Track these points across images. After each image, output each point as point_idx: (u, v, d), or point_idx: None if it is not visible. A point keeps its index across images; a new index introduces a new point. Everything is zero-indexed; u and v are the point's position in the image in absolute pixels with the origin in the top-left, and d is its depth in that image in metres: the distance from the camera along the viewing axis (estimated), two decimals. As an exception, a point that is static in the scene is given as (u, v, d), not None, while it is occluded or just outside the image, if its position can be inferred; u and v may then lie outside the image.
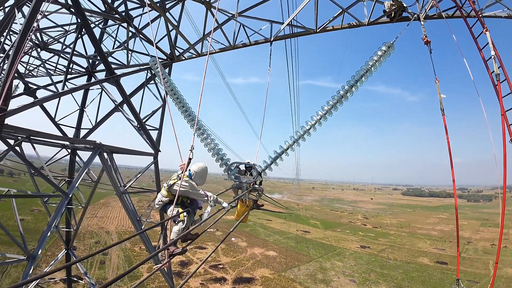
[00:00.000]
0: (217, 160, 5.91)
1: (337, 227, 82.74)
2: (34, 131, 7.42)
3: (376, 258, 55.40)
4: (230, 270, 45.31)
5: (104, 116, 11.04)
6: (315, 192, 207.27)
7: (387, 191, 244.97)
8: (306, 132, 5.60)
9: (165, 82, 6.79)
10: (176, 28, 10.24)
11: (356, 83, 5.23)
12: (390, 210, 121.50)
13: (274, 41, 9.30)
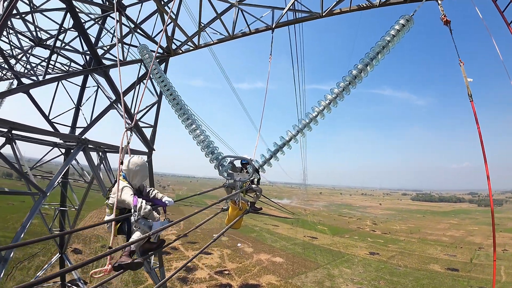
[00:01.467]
0: (207, 154, 5.15)
1: (345, 233, 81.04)
2: (17, 123, 6.84)
3: (385, 265, 53.87)
4: (235, 276, 44.34)
5: (99, 114, 10.55)
6: (322, 198, 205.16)
7: (396, 196, 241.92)
8: (313, 119, 4.80)
9: (154, 69, 6.14)
10: (174, 21, 9.69)
11: (371, 61, 4.45)
12: (400, 216, 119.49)
13: (276, 28, 8.62)
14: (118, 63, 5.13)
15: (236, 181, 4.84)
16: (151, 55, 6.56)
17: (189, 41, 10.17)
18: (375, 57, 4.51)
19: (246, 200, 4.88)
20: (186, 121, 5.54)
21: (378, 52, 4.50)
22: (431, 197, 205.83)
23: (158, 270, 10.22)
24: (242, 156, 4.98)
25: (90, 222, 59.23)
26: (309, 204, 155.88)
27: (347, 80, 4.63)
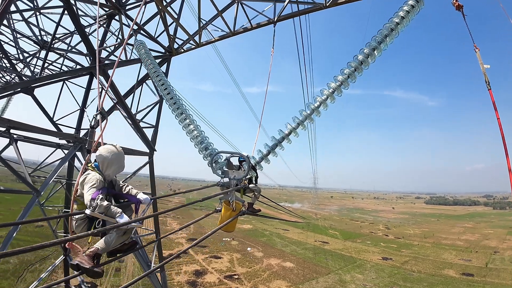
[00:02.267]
0: (200, 151, 4.82)
1: (357, 238, 79.17)
2: (14, 122, 6.76)
3: (398, 271, 52.18)
4: (245, 281, 43.78)
5: (104, 115, 10.49)
6: (333, 201, 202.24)
7: (410, 200, 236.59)
8: (315, 110, 4.42)
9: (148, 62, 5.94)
10: (176, 20, 9.56)
11: (379, 44, 4.06)
12: (413, 220, 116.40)
13: (278, 21, 8.32)
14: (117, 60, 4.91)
15: (231, 179, 4.50)
16: (147, 51, 6.36)
17: (190, 39, 10.02)
18: (383, 40, 4.12)
19: (241, 201, 4.50)
20: (180, 115, 5.26)
21: (386, 35, 4.11)
22: (445, 200, 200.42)
23: (159, 274, 9.97)
24: (237, 152, 4.63)
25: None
26: (320, 208, 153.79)
27: (353, 66, 4.24)
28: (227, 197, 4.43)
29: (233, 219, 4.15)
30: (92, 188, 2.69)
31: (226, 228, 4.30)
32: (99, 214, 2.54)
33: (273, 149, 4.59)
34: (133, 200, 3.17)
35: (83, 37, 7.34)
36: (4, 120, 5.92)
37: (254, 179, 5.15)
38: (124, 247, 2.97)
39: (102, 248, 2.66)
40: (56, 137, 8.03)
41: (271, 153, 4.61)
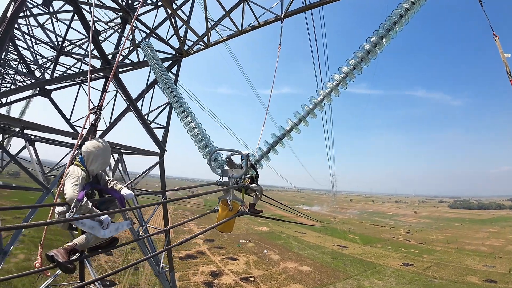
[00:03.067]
0: (201, 149, 4.74)
1: (377, 243, 76.83)
2: (27, 122, 7.00)
3: (420, 277, 50.30)
4: (261, 284, 43.57)
5: (118, 117, 10.74)
6: (353, 205, 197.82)
7: (433, 203, 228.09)
8: (318, 105, 4.24)
9: (153, 62, 5.97)
10: (186, 23, 9.66)
11: (387, 32, 3.85)
12: (436, 224, 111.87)
13: (285, 17, 8.15)
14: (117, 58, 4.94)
15: (230, 178, 4.37)
16: (153, 51, 6.39)
17: (200, 40, 10.09)
18: (391, 28, 3.86)
19: (240, 200, 4.34)
20: (182, 113, 5.21)
21: (395, 22, 3.86)
22: (469, 204, 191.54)
23: (168, 274, 10.00)
24: (235, 150, 4.47)
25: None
26: (338, 211, 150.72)
27: (359, 56, 4.00)
28: (225, 196, 4.30)
29: (229, 220, 3.99)
30: (74, 185, 2.60)
31: (222, 229, 4.15)
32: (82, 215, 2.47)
33: (274, 147, 4.42)
34: (116, 195, 3.09)
35: (93, 41, 7.51)
36: (16, 120, 6.14)
37: (255, 179, 5.00)
38: (103, 244, 2.91)
39: (80, 244, 2.60)
40: (69, 137, 8.25)
41: (272, 150, 4.44)
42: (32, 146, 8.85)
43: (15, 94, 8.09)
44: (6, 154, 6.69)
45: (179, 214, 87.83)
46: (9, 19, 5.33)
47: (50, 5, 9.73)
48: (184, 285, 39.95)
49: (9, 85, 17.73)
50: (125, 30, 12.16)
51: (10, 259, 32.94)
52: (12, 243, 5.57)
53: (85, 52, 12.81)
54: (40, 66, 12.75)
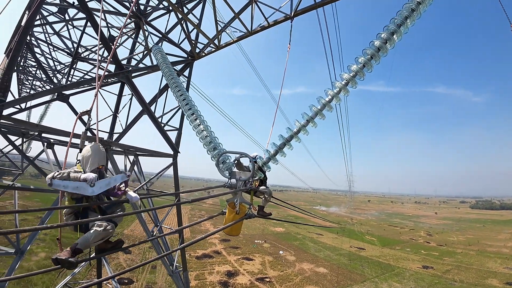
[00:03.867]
0: (209, 151, 4.74)
1: (396, 245, 74.76)
2: (45, 126, 7.27)
3: (439, 280, 48.70)
4: (277, 284, 43.36)
5: (133, 120, 11.01)
6: (371, 206, 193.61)
7: (454, 204, 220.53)
8: (326, 105, 4.14)
9: (164, 65, 6.06)
10: (196, 27, 9.79)
11: (398, 28, 3.74)
12: (457, 226, 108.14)
13: (295, 16, 8.06)
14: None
15: (237, 180, 4.34)
16: (164, 56, 6.49)
17: (211, 43, 10.17)
18: (403, 22, 3.72)
19: (248, 203, 4.31)
20: (191, 116, 5.25)
21: (407, 17, 3.72)
22: (491, 204, 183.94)
23: (181, 273, 10.13)
24: (243, 152, 4.44)
25: (148, 223, 63.17)
26: (356, 212, 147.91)
27: (368, 54, 3.88)
28: (233, 199, 4.29)
29: (236, 223, 3.96)
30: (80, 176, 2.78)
31: (230, 232, 4.12)
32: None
33: (281, 149, 4.35)
34: (116, 194, 3.15)
35: (107, 47, 7.71)
36: (34, 125, 6.39)
37: (264, 181, 4.95)
38: (109, 245, 2.97)
39: (81, 243, 2.68)
40: (86, 140, 8.49)
41: (279, 152, 4.38)
42: (50, 149, 9.20)
43: (35, 100, 8.50)
44: (23, 157, 6.98)
45: (196, 214, 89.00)
46: (23, 28, 5.55)
47: (65, 13, 10.08)
48: (200, 284, 40.39)
49: (28, 90, 18.57)
50: (138, 36, 12.48)
51: (31, 258, 34.51)
52: (29, 243, 5.79)
53: (100, 57, 13.24)
54: (58, 72, 13.24)
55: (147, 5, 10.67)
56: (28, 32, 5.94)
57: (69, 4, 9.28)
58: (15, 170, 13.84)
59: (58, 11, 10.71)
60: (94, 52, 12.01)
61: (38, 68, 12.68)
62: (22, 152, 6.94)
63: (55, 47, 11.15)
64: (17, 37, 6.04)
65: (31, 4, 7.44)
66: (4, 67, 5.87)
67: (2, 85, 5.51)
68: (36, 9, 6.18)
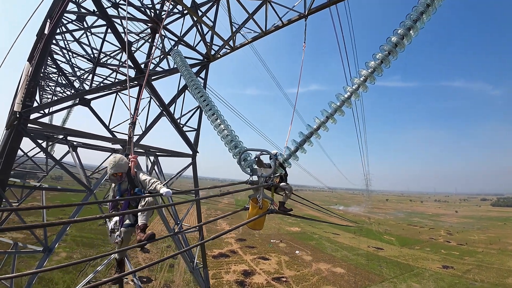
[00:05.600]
0: (230, 149, 4.88)
1: (416, 244, 72.78)
2: (70, 129, 7.64)
3: (460, 280, 47.29)
4: (293, 284, 43.25)
5: (152, 121, 11.35)
6: (389, 205, 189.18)
7: (475, 202, 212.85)
8: (345, 101, 4.19)
9: (183, 68, 6.27)
10: (211, 29, 10.01)
11: (414, 23, 3.77)
12: (478, 224, 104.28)
13: (309, 14, 8.10)
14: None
15: (259, 177, 4.48)
16: (183, 59, 6.71)
17: (226, 45, 10.36)
18: (419, 18, 3.74)
19: (270, 199, 4.44)
20: (212, 116, 5.41)
21: (422, 12, 3.74)
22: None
23: (201, 270, 10.38)
24: (264, 150, 4.56)
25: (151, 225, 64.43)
26: (374, 211, 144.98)
27: (386, 50, 3.91)
28: (255, 194, 4.42)
29: (259, 217, 4.10)
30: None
31: (253, 226, 4.27)
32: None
33: (301, 145, 4.44)
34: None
35: (125, 51, 8.02)
36: (60, 128, 6.73)
37: (284, 177, 5.06)
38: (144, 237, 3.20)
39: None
40: (109, 142, 8.87)
41: (300, 149, 4.47)
42: (75, 151, 9.67)
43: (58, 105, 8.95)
44: (51, 159, 7.37)
45: (212, 213, 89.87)
46: (47, 37, 5.88)
47: (83, 20, 10.52)
48: (217, 283, 40.82)
49: (50, 95, 19.35)
50: (155, 40, 12.86)
51: (52, 257, 35.85)
52: (58, 240, 6.11)
53: (119, 63, 13.70)
54: (78, 77, 13.80)
55: (162, 10, 10.99)
56: (51, 41, 6.29)
57: (89, 11, 9.70)
58: (40, 172, 14.61)
59: (77, 19, 11.21)
60: (113, 58, 12.45)
61: (59, 74, 13.27)
62: (49, 154, 7.34)
63: (75, 53, 11.63)
64: (40, 45, 6.39)
65: (51, 12, 7.83)
66: (29, 75, 6.20)
67: (29, 91, 5.84)
68: (59, 18, 6.52)
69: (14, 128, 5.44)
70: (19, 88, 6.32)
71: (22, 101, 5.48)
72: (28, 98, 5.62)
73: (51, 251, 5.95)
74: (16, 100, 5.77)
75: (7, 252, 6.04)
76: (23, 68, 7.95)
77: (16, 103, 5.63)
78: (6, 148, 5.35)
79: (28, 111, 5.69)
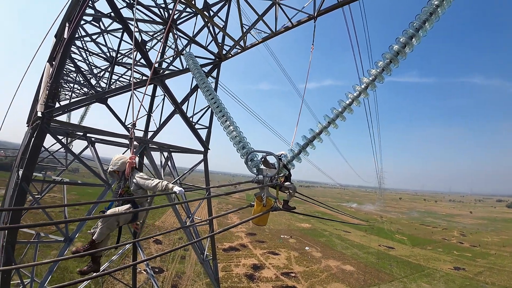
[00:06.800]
0: (238, 149, 5.14)
1: (428, 245, 71.53)
2: (89, 128, 8.07)
3: (471, 282, 46.44)
4: (302, 280, 43.50)
5: (166, 119, 11.73)
6: (402, 204, 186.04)
7: (490, 203, 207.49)
8: (346, 108, 4.30)
9: (196, 71, 6.54)
10: (222, 29, 10.23)
11: (424, 23, 3.82)
12: (492, 226, 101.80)
13: (318, 15, 8.14)
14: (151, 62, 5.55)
15: (264, 176, 4.72)
16: (195, 60, 6.97)
17: (236, 45, 10.57)
18: (435, 11, 3.77)
19: (274, 197, 4.70)
20: (222, 118, 5.66)
21: (438, 6, 3.76)
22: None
23: (211, 262, 10.80)
24: (269, 152, 4.81)
25: (163, 218, 66.00)
26: (386, 210, 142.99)
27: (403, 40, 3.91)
28: (260, 193, 4.69)
29: (263, 214, 4.38)
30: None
31: (257, 222, 4.57)
32: None
33: (304, 148, 4.64)
34: None
35: (141, 53, 8.37)
36: (80, 126, 7.15)
37: (289, 178, 5.30)
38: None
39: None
40: (125, 139, 9.29)
41: (302, 152, 4.67)
42: (93, 146, 10.18)
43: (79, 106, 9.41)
44: (71, 154, 7.84)
45: (223, 207, 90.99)
46: (66, 41, 6.23)
47: (99, 22, 10.93)
48: (226, 275, 41.58)
49: (67, 92, 20.08)
50: (168, 39, 13.18)
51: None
52: (77, 231, 6.56)
53: (133, 61, 14.14)
54: (95, 75, 14.33)
55: (175, 10, 11.27)
56: (71, 44, 6.65)
57: (104, 14, 10.07)
58: (59, 166, 15.46)
59: (93, 20, 11.66)
60: (128, 57, 12.87)
61: (77, 73, 13.86)
62: (70, 150, 7.81)
63: (92, 53, 12.11)
64: (60, 49, 6.77)
65: (70, 15, 8.20)
66: (51, 76, 6.57)
67: (51, 93, 6.23)
68: (77, 23, 6.87)
69: (38, 127, 5.85)
70: (42, 89, 6.73)
71: (44, 102, 5.88)
72: (50, 99, 6.02)
73: (71, 241, 6.39)
74: (39, 101, 6.18)
75: (30, 242, 6.51)
76: (44, 68, 8.43)
77: (39, 104, 6.04)
78: (30, 146, 5.77)
79: (50, 111, 6.09)
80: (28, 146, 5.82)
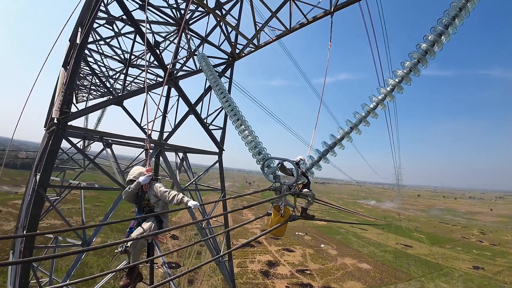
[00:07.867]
0: (254, 155, 4.93)
1: (447, 243, 69.33)
2: (105, 132, 8.08)
3: (489, 282, 44.88)
4: (317, 277, 43.18)
5: (180, 119, 11.68)
6: (421, 201, 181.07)
7: (511, 200, 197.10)
8: (371, 112, 4.02)
9: (209, 73, 6.38)
10: (235, 28, 10.02)
11: (453, 20, 3.57)
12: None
13: (335, 11, 7.78)
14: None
15: (282, 184, 4.49)
16: (208, 62, 6.81)
17: (250, 43, 10.34)
18: (464, 5, 3.47)
19: (292, 206, 4.46)
20: (236, 121, 5.48)
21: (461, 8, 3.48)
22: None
23: (227, 262, 10.76)
24: (287, 159, 4.58)
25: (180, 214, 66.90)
26: (404, 208, 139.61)
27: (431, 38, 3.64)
28: (278, 201, 4.46)
29: (281, 225, 4.16)
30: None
31: (275, 233, 4.35)
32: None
33: (324, 155, 4.37)
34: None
35: (154, 54, 8.28)
36: (95, 131, 7.14)
37: (307, 185, 5.05)
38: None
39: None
40: (141, 142, 9.28)
41: (322, 159, 4.41)
42: (109, 148, 10.26)
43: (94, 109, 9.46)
44: (87, 159, 7.91)
45: (238, 203, 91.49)
46: (79, 46, 6.18)
47: (113, 24, 10.91)
48: (242, 271, 41.87)
49: (84, 94, 20.42)
50: (181, 40, 13.08)
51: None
52: (95, 235, 6.58)
53: (147, 63, 14.16)
54: (110, 77, 14.46)
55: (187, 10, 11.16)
56: (84, 49, 6.62)
57: (116, 18, 10.06)
58: (77, 168, 15.86)
59: (106, 23, 11.70)
60: (141, 58, 12.87)
61: (92, 75, 14.05)
62: (85, 154, 7.88)
63: (106, 55, 12.18)
64: (73, 53, 6.74)
65: (82, 19, 8.19)
66: (65, 82, 6.54)
67: (65, 98, 6.21)
68: (90, 28, 6.82)
69: (54, 133, 5.87)
70: (57, 94, 6.75)
71: (59, 108, 5.87)
72: (65, 105, 6.00)
73: (89, 245, 6.43)
74: (54, 106, 6.18)
75: (48, 247, 6.62)
76: (59, 73, 8.47)
77: (54, 110, 6.05)
78: (46, 151, 5.79)
79: (65, 117, 6.09)
80: (45, 151, 5.83)
